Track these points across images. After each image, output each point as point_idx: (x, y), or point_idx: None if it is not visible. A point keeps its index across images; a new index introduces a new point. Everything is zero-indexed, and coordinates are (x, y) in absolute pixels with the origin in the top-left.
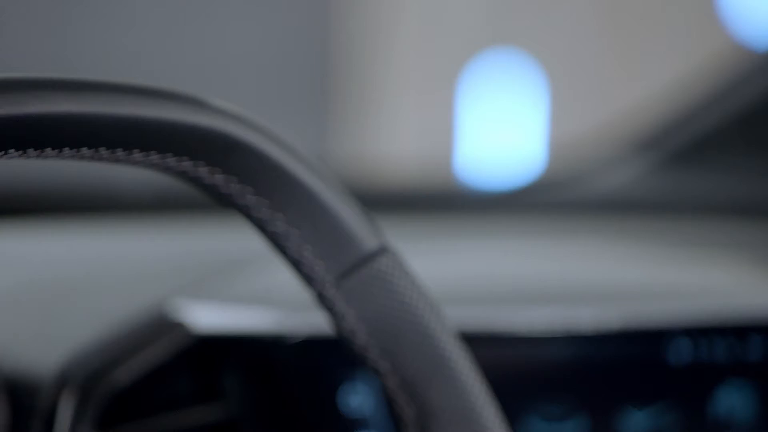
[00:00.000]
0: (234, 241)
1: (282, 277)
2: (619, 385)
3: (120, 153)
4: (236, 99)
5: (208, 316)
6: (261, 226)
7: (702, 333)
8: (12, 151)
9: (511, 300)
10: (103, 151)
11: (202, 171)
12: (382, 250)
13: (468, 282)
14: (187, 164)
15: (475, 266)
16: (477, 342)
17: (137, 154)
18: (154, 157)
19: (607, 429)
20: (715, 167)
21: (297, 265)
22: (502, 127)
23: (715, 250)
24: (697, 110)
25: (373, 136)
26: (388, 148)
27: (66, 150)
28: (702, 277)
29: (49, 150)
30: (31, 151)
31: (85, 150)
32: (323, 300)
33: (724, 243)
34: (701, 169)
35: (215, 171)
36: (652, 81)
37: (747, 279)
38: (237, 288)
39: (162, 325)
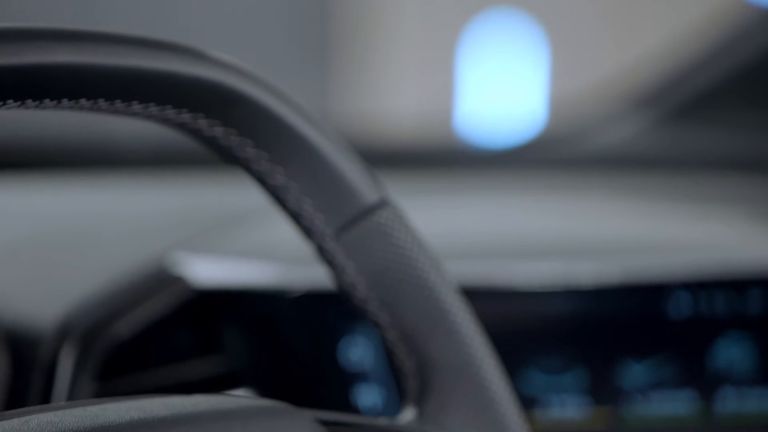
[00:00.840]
0: (234, 195)
1: (282, 231)
2: (619, 338)
3: (119, 104)
4: (237, 56)
5: (208, 270)
6: (261, 179)
7: (701, 286)
8: (10, 101)
9: (511, 254)
10: (101, 102)
11: (201, 123)
12: (382, 203)
13: (468, 237)
14: (186, 116)
15: (476, 221)
16: (477, 296)
17: (136, 106)
18: (153, 108)
19: (606, 381)
20: (715, 123)
21: (296, 218)
22: (502, 84)
23: (715, 205)
24: (696, 66)
25: (374, 93)
26: (390, 105)
27: (64, 101)
28: (701, 232)
29: (47, 101)
30: (29, 101)
31: (83, 101)
32: (323, 253)
33: (724, 198)
34: (700, 124)
35: (214, 123)
36: (652, 37)
37: (746, 233)
38: (237, 242)
39: (162, 279)
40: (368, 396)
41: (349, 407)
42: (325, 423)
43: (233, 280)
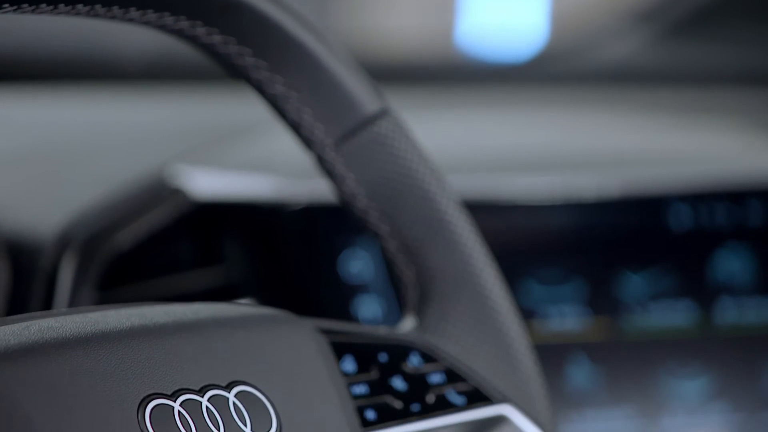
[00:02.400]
0: (235, 108)
1: (282, 144)
2: (618, 250)
3: (116, 10)
4: None
5: (208, 183)
6: (260, 88)
7: (701, 198)
8: (6, 5)
9: (512, 168)
10: (98, 7)
11: (200, 31)
12: (383, 113)
13: (469, 151)
14: (184, 23)
15: (477, 135)
16: (477, 209)
17: (133, 12)
18: (151, 15)
19: (605, 293)
20: (716, 37)
21: (296, 128)
22: None
23: (715, 118)
24: None
25: (374, 6)
26: (391, 19)
27: (61, 6)
28: (701, 144)
29: (44, 5)
30: (25, 6)
31: (80, 6)
32: (323, 163)
33: (724, 110)
34: (702, 38)
35: (212, 31)
36: None
37: (745, 145)
38: (237, 155)
39: (162, 191)
40: (368, 308)
41: (350, 319)
42: (325, 331)
43: (233, 192)
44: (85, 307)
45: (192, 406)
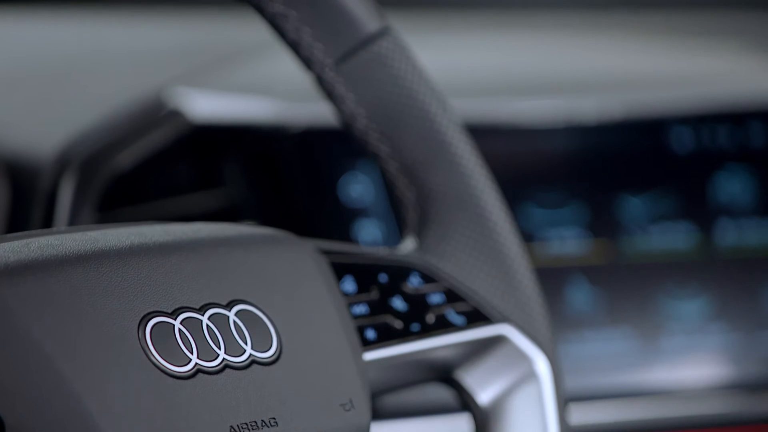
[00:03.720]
0: (235, 30)
1: (283, 67)
2: (618, 173)
3: None
4: None
5: (207, 105)
6: (259, 7)
7: (702, 120)
8: None
9: (512, 91)
10: None
11: None
12: (384, 33)
13: (469, 74)
14: None
15: (477, 59)
16: (477, 132)
17: None
18: None
19: (606, 216)
20: None
21: (295, 48)
22: None
23: (717, 40)
24: None
25: None
26: None
27: None
28: (704, 66)
29: None
30: None
31: None
32: (322, 83)
33: (725, 32)
34: None
35: None
36: None
37: (748, 67)
38: (237, 77)
39: (161, 112)
40: (368, 232)
41: (350, 243)
42: (325, 252)
43: (233, 115)
44: (85, 225)
45: (192, 324)
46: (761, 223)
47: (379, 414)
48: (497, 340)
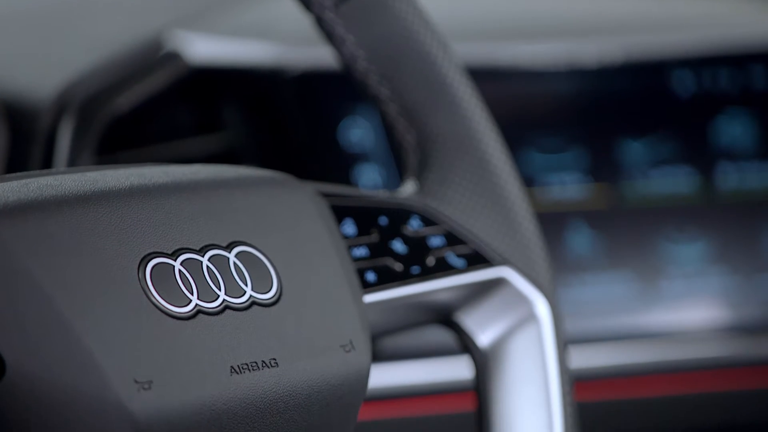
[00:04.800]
0: None
1: (282, 10)
2: (619, 116)
3: None
4: None
5: (206, 48)
6: None
7: (703, 63)
8: None
9: (513, 35)
10: None
11: None
12: None
13: (470, 18)
14: None
15: (478, 1)
16: (478, 76)
17: None
18: None
19: (605, 160)
20: None
21: None
22: None
23: None
24: None
25: None
26: None
27: None
28: (705, 9)
29: None
30: None
31: None
32: (322, 25)
33: None
34: None
35: None
36: None
37: (749, 9)
38: (237, 21)
39: (160, 55)
40: (368, 176)
41: (350, 186)
42: (325, 194)
43: (232, 58)
44: (84, 167)
45: (192, 266)
46: (762, 167)
47: (379, 356)
48: (497, 283)
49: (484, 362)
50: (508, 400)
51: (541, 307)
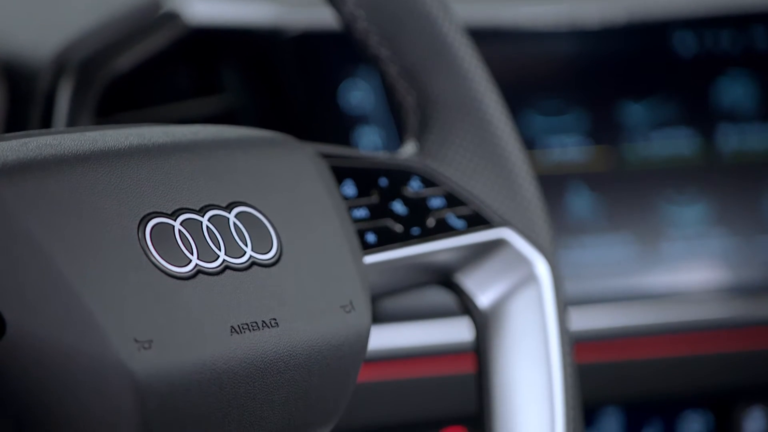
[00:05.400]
0: None
1: None
2: (620, 78)
3: None
4: None
5: (205, 8)
6: None
7: (704, 24)
8: None
9: None
10: None
11: None
12: None
13: None
14: None
15: None
16: (478, 37)
17: None
18: None
19: (606, 122)
20: None
21: None
22: None
23: None
24: None
25: None
26: None
27: None
28: None
29: None
30: None
31: None
32: None
33: None
34: None
35: None
36: None
37: None
38: None
39: (159, 15)
40: (368, 138)
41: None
42: (326, 155)
43: (231, 18)
44: (84, 126)
45: (192, 226)
46: (763, 128)
47: (379, 318)
48: (497, 244)
49: (484, 323)
50: (508, 360)
51: (541, 268)
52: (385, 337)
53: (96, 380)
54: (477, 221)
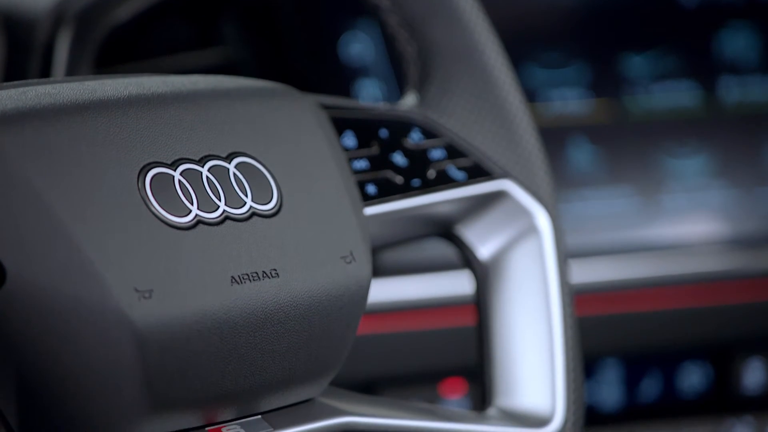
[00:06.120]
0: None
1: None
2: (621, 30)
3: None
4: None
5: None
6: None
7: None
8: None
9: None
10: None
11: None
12: None
13: None
14: None
15: None
16: None
17: None
18: None
19: (607, 74)
20: None
21: None
22: None
23: None
24: None
25: None
26: None
27: None
28: None
29: None
30: None
31: None
32: None
33: None
34: None
35: None
36: None
37: None
38: None
39: None
40: (368, 91)
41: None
42: (326, 107)
43: None
44: (83, 76)
45: (192, 176)
46: (765, 80)
47: (380, 272)
48: (498, 195)
49: (485, 275)
50: (509, 312)
51: (542, 220)
52: (385, 290)
53: (96, 329)
54: (477, 173)
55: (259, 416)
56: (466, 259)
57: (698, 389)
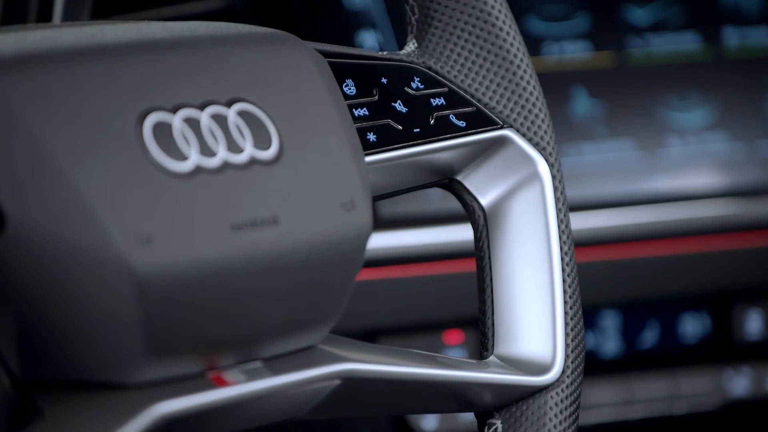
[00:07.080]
0: None
1: None
2: None
3: None
4: None
5: None
6: None
7: None
8: None
9: None
10: None
11: None
12: None
13: None
14: None
15: None
16: None
17: None
18: None
19: (608, 26)
20: None
21: None
22: None
23: None
24: None
25: None
26: None
27: None
28: None
29: None
30: None
31: None
32: None
33: None
34: None
35: None
36: None
37: None
38: None
39: None
40: (369, 40)
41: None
42: (327, 54)
43: None
44: (81, 22)
45: (191, 122)
46: (766, 31)
47: (380, 224)
48: (499, 143)
49: (485, 223)
50: (510, 258)
51: (543, 167)
52: (385, 240)
53: (96, 275)
54: (478, 121)
55: (260, 362)
56: (467, 207)
57: (697, 338)
